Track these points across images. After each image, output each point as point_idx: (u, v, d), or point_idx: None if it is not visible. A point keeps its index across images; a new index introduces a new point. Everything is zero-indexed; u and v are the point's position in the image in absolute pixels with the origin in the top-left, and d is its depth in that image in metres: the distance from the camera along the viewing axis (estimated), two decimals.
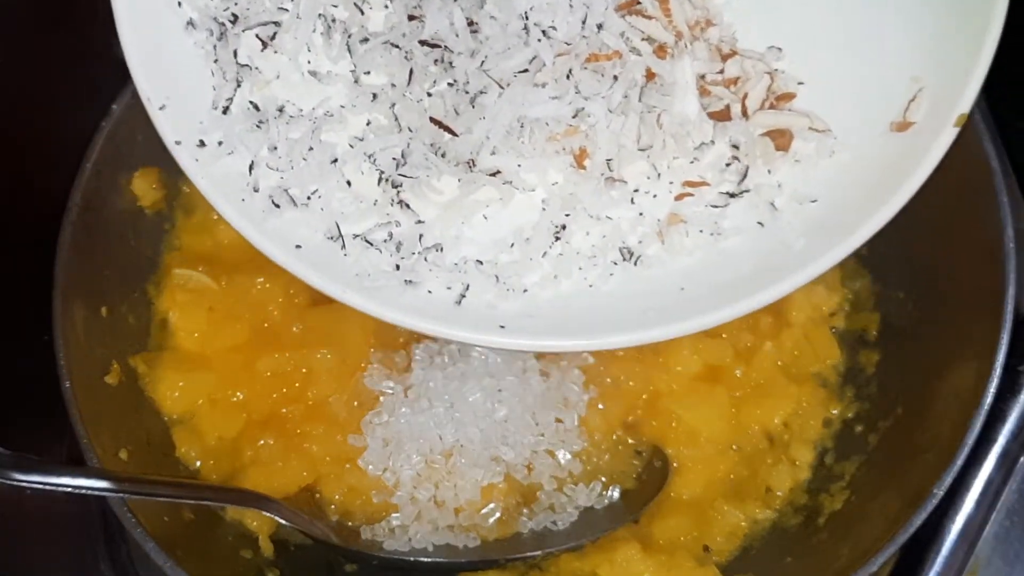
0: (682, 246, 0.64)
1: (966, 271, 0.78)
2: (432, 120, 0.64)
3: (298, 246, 0.63)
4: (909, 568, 0.77)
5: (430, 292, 0.63)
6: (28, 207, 0.79)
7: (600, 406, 0.82)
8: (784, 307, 0.85)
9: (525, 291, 0.64)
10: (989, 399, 0.72)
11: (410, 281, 0.63)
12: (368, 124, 0.66)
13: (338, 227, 0.64)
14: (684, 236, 0.64)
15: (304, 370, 0.82)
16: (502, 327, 0.62)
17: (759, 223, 0.64)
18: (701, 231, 0.64)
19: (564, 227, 0.64)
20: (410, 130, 0.64)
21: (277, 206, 0.64)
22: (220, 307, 0.84)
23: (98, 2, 0.67)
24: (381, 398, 0.81)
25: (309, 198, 0.64)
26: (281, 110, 0.66)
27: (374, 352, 0.83)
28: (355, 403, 0.82)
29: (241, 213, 0.63)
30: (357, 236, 0.64)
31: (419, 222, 0.64)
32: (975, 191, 0.77)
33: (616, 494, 0.82)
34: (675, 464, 0.82)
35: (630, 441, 0.83)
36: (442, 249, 0.64)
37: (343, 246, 0.64)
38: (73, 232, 0.78)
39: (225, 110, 0.65)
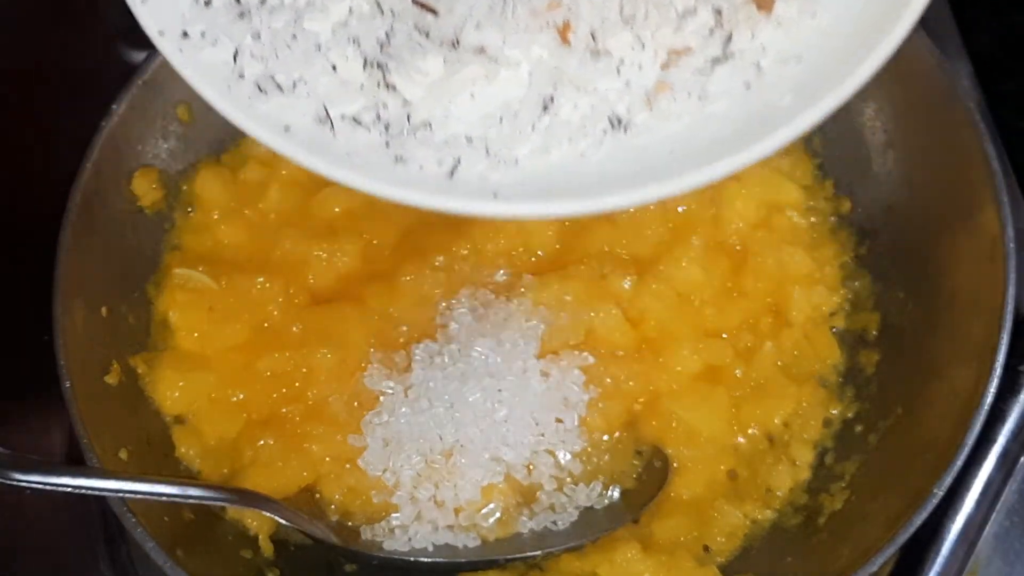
0: (670, 112, 0.64)
1: (966, 271, 0.78)
2: (414, 1, 0.64)
3: (287, 128, 0.63)
4: (909, 568, 0.77)
5: (421, 168, 0.63)
6: (28, 207, 0.79)
7: (600, 406, 0.82)
8: (784, 307, 0.85)
9: (516, 162, 0.64)
10: (989, 399, 0.72)
11: (401, 158, 0.63)
12: (351, 12, 0.66)
13: (326, 109, 0.64)
14: (672, 102, 0.64)
15: (304, 370, 0.82)
16: (495, 195, 0.62)
17: (745, 85, 0.64)
18: (688, 96, 0.64)
19: (552, 99, 0.64)
20: (392, 13, 0.64)
21: (264, 92, 0.64)
22: (220, 307, 0.84)
23: (98, 2, 0.67)
24: (381, 398, 0.81)
25: (295, 84, 0.64)
26: (263, 1, 0.66)
27: (374, 352, 0.83)
28: (355, 403, 0.82)
29: (228, 100, 0.63)
30: (345, 117, 0.64)
31: (406, 103, 0.64)
32: (975, 191, 0.77)
33: (616, 494, 0.81)
34: (675, 464, 0.82)
35: (630, 441, 0.83)
36: (431, 127, 0.64)
37: (332, 127, 0.64)
38: (73, 232, 0.78)
39: (207, 3, 0.65)
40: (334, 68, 0.64)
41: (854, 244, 0.88)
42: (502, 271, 0.85)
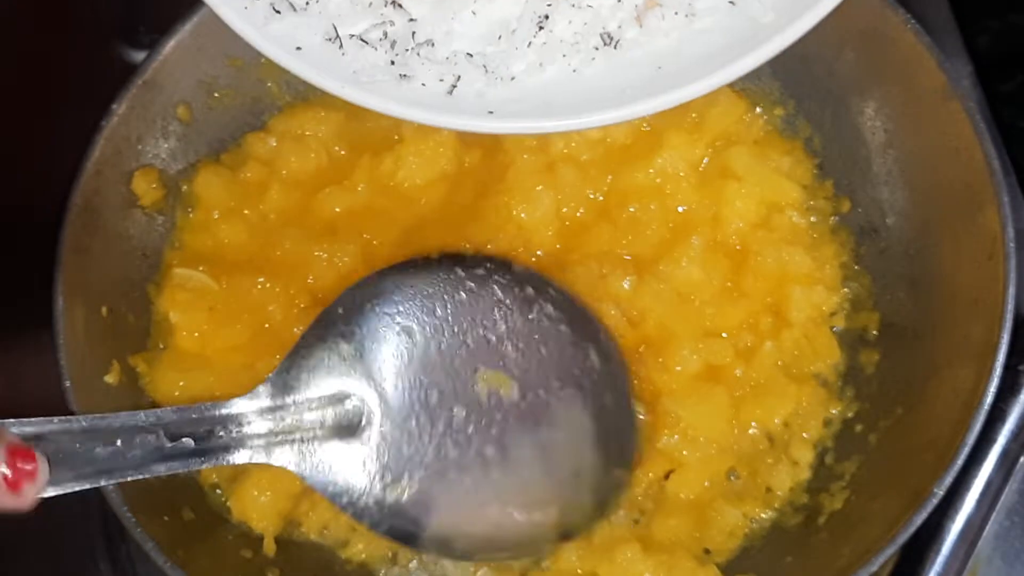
0: (659, 28, 0.67)
1: (966, 271, 0.78)
2: None
3: (299, 48, 0.66)
4: (909, 568, 0.77)
5: (423, 85, 0.66)
6: (28, 207, 0.79)
7: None
8: (784, 307, 0.85)
9: (512, 79, 0.67)
10: (989, 399, 0.72)
11: (404, 75, 0.66)
12: None
13: (335, 28, 0.67)
14: (660, 19, 0.67)
15: None
16: (491, 112, 0.66)
17: (730, 2, 0.66)
18: (676, 13, 0.67)
19: (547, 17, 0.66)
20: None
21: (278, 12, 0.66)
22: (220, 307, 0.84)
23: (98, 2, 0.67)
24: None
25: (307, 4, 0.67)
26: None
27: None
28: None
29: (245, 20, 0.66)
30: (353, 36, 0.67)
31: (411, 20, 0.67)
32: (975, 191, 0.77)
33: None
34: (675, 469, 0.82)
35: None
36: (433, 44, 0.67)
37: (341, 46, 0.67)
38: (73, 232, 0.78)
39: None
40: None
41: (854, 244, 0.88)
42: None
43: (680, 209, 0.87)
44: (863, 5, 0.81)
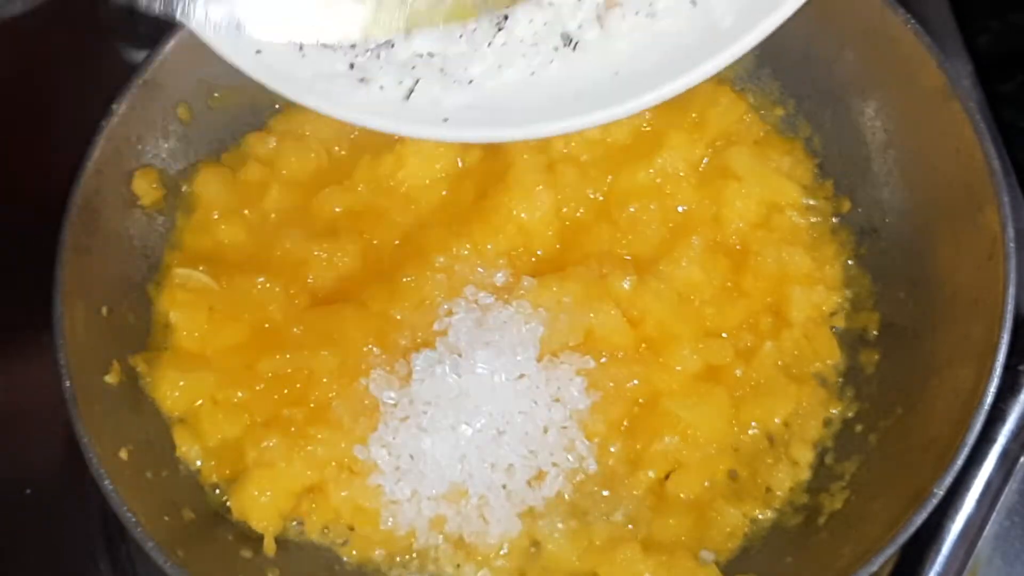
0: (619, 30, 0.66)
1: (966, 271, 0.78)
2: None
3: (258, 52, 0.66)
4: (909, 568, 0.77)
5: (381, 88, 0.66)
6: (28, 207, 0.79)
7: (600, 413, 0.81)
8: (784, 307, 0.85)
9: (471, 82, 0.66)
10: (989, 399, 0.72)
11: (363, 79, 0.66)
12: None
13: None
14: (621, 19, 0.66)
15: (306, 372, 0.82)
16: (446, 120, 0.65)
17: (691, 2, 0.66)
18: (637, 14, 0.66)
19: (506, 17, 0.66)
20: None
21: None
22: (220, 307, 0.84)
23: (98, 2, 0.67)
24: (381, 424, 0.80)
25: None
26: None
27: (375, 356, 0.82)
28: (358, 407, 0.81)
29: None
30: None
31: None
32: (975, 191, 0.77)
33: None
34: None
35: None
36: (393, 45, 0.66)
37: (300, 49, 0.67)
38: (73, 232, 0.78)
39: None
40: None
41: (854, 244, 0.88)
42: (502, 272, 0.85)
43: (680, 209, 0.87)
44: (863, 5, 0.81)
